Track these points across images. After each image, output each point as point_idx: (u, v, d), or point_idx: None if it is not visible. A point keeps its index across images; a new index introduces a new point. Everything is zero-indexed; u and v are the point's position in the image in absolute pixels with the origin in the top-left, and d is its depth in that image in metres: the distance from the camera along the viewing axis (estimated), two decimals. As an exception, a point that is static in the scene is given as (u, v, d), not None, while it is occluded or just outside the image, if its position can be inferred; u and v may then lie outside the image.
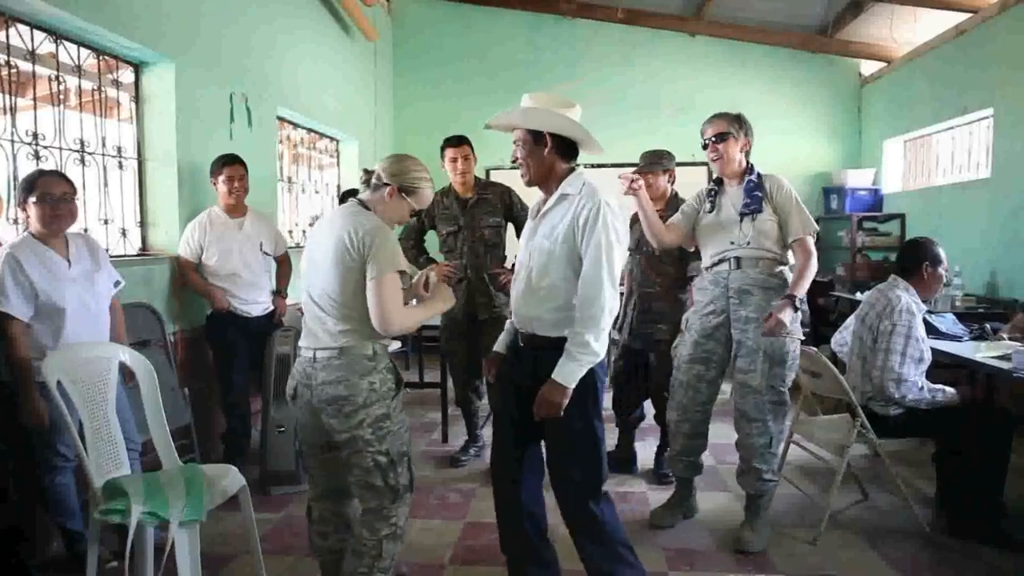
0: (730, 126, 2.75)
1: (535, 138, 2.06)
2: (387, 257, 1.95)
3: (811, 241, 2.73)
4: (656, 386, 3.43)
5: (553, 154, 2.07)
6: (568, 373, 1.94)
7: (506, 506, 2.23)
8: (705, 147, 2.80)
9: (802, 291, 2.66)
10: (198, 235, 3.46)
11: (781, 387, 2.73)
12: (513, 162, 2.17)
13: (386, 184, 2.07)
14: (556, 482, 2.11)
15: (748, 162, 2.81)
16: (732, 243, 2.76)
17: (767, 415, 2.73)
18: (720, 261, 2.80)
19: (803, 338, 2.83)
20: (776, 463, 2.81)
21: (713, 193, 2.87)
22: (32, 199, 2.36)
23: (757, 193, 2.73)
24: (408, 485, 2.09)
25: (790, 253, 2.77)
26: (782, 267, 2.77)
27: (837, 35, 6.35)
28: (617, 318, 3.03)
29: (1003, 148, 4.73)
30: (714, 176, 2.92)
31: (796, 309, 2.63)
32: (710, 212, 2.85)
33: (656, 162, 3.35)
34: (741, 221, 2.74)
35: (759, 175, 2.78)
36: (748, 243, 2.73)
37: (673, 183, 3.45)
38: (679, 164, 3.48)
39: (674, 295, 3.39)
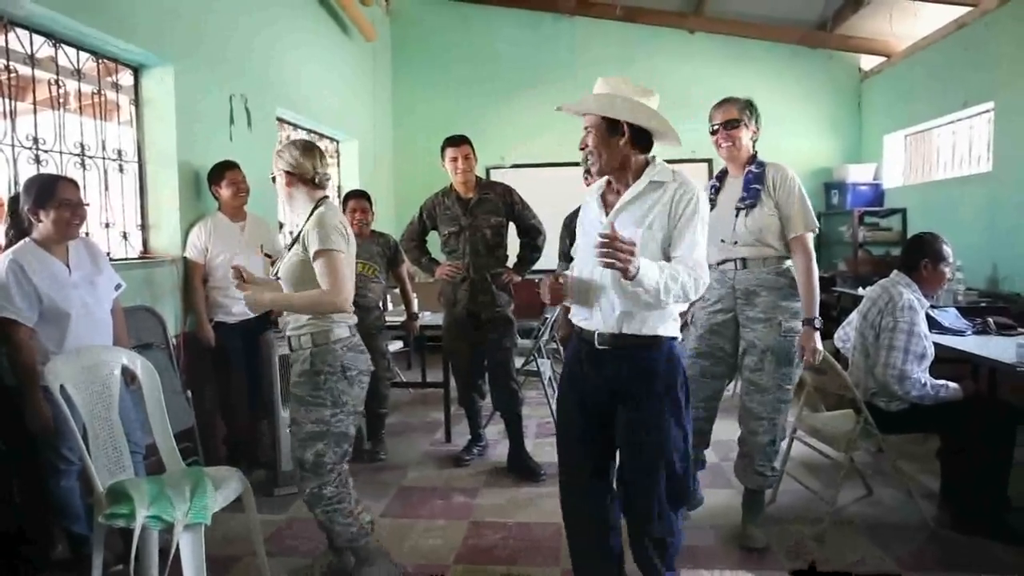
0: (741, 112, 2.65)
1: (610, 127, 1.94)
2: None
3: (811, 239, 2.63)
4: None
5: (628, 144, 1.95)
6: (646, 268, 1.73)
7: (594, 534, 2.11)
8: (713, 132, 2.69)
9: (816, 308, 2.58)
10: (204, 238, 3.49)
11: (787, 385, 2.69)
12: (582, 148, 2.06)
13: None
14: (641, 491, 1.97)
15: (754, 151, 2.71)
16: (723, 240, 2.68)
17: (774, 414, 2.69)
18: (725, 260, 2.72)
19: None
20: (777, 459, 2.80)
21: (715, 189, 2.79)
22: (52, 205, 2.35)
23: (756, 186, 2.63)
24: None
25: None
26: (788, 263, 2.68)
27: (837, 30, 6.34)
28: None
29: (1004, 142, 4.72)
30: (721, 167, 2.85)
31: (817, 330, 2.58)
32: (711, 209, 2.73)
33: None
34: (736, 216, 2.66)
35: (761, 165, 2.67)
36: (736, 241, 2.64)
37: None
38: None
39: None
